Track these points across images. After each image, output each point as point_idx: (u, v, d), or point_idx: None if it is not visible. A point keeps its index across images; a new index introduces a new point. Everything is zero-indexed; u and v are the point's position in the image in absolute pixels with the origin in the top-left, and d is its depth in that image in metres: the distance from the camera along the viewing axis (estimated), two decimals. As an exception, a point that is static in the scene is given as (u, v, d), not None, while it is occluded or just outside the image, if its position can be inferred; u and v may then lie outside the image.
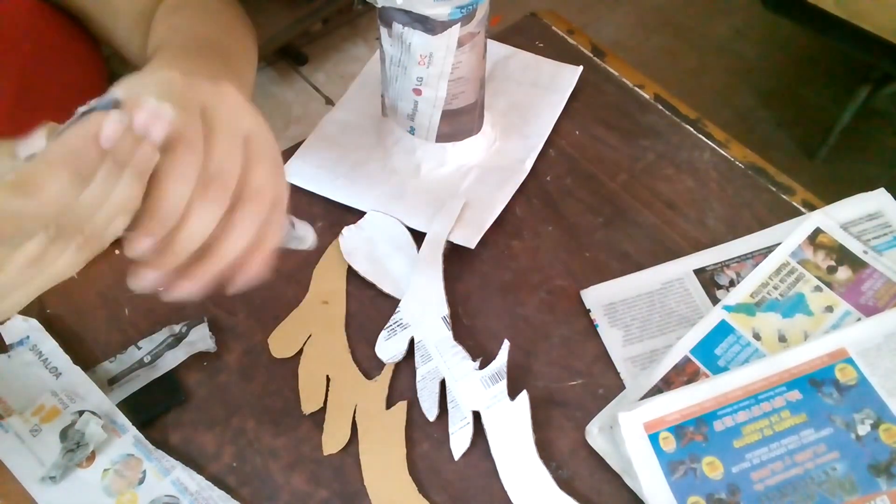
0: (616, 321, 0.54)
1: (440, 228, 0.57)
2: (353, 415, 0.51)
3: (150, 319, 0.55)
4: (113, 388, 0.52)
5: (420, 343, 0.53)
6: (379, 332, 0.54)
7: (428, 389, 0.51)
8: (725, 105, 1.76)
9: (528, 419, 0.49)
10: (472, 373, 0.51)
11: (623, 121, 0.66)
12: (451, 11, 0.50)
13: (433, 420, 0.50)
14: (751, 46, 1.88)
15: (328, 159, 0.63)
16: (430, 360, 0.52)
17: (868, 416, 0.47)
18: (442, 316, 0.53)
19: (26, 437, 0.49)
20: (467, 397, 0.50)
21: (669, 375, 0.51)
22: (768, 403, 0.48)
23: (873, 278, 0.54)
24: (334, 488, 0.48)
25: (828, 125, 1.60)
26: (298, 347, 0.54)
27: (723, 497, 0.45)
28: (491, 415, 0.49)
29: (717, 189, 0.62)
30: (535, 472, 0.47)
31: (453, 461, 0.49)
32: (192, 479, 0.48)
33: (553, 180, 0.62)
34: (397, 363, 0.53)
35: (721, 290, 0.55)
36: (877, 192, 0.57)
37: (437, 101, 0.56)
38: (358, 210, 0.60)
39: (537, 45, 0.72)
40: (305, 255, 0.59)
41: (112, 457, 0.49)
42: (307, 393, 0.52)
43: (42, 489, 0.48)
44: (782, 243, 0.56)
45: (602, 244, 0.59)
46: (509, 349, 0.50)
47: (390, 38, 0.54)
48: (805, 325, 0.52)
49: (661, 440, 0.47)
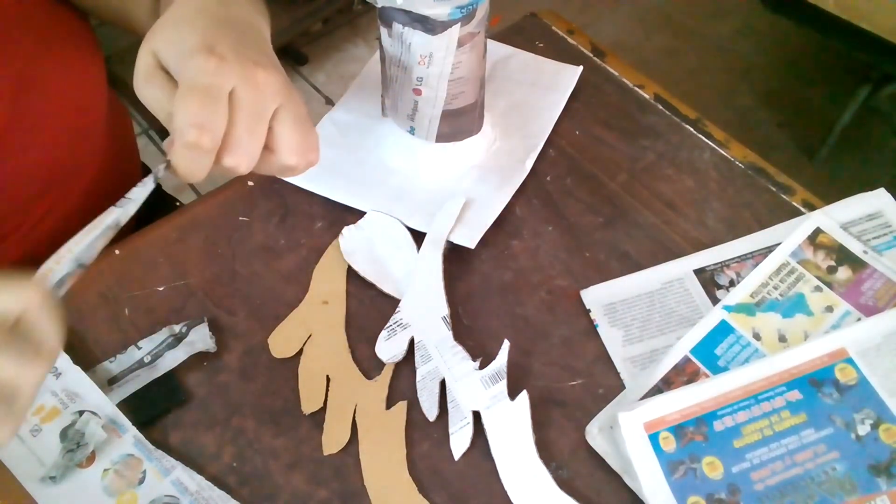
0: (616, 321, 0.54)
1: (440, 228, 0.57)
2: (353, 415, 0.51)
3: (150, 319, 0.55)
4: (113, 388, 0.52)
5: (420, 343, 0.53)
6: (379, 333, 0.54)
7: (428, 389, 0.51)
8: (725, 105, 1.76)
9: (528, 419, 0.49)
10: (472, 373, 0.51)
11: (623, 121, 0.66)
12: (450, 11, 0.50)
13: (433, 420, 0.50)
14: (751, 46, 1.88)
15: (328, 159, 0.63)
16: (430, 360, 0.52)
17: (868, 416, 0.47)
18: (442, 316, 0.53)
19: (26, 437, 0.49)
20: (467, 397, 0.50)
21: (669, 375, 0.51)
22: (768, 403, 0.48)
23: (873, 278, 0.54)
24: (334, 488, 0.48)
25: (828, 125, 1.60)
26: (298, 347, 0.54)
27: (723, 497, 0.45)
28: (491, 415, 0.49)
29: (717, 189, 0.62)
30: (535, 473, 0.47)
31: (453, 461, 0.49)
32: (192, 479, 0.48)
33: (553, 180, 0.62)
34: (397, 363, 0.53)
35: (721, 290, 0.55)
36: (877, 192, 0.57)
37: (437, 102, 0.56)
38: (358, 210, 0.60)
39: (537, 45, 0.72)
40: (305, 256, 0.59)
41: (112, 457, 0.49)
42: (307, 393, 0.52)
43: (42, 489, 0.48)
44: (782, 243, 0.56)
45: (602, 244, 0.59)
46: (509, 349, 0.51)
47: (390, 38, 0.54)
48: (805, 325, 0.52)
49: (661, 440, 0.47)
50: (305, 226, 0.60)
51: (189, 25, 0.39)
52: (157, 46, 0.39)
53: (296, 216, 0.61)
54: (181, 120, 0.36)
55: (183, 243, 0.59)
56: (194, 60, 0.37)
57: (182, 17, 0.40)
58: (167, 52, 0.38)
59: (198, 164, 0.37)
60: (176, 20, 0.40)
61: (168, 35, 0.39)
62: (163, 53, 0.39)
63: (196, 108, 0.36)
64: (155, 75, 0.39)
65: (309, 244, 0.59)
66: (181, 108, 0.36)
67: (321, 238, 0.59)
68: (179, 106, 0.36)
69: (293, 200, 0.62)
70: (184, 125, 0.36)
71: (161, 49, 0.39)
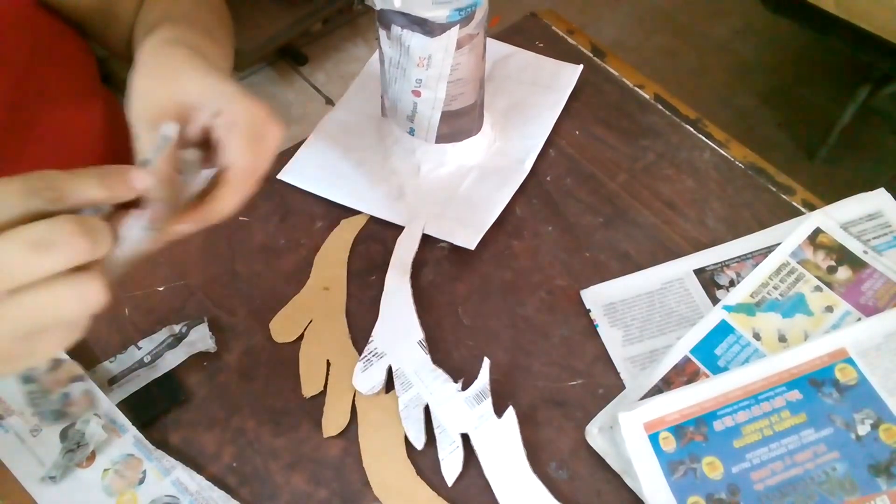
0: (616, 321, 0.54)
1: (404, 252, 0.57)
2: (352, 398, 0.51)
3: (150, 319, 0.55)
4: (113, 388, 0.52)
5: (399, 371, 0.51)
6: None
7: (412, 417, 0.50)
8: (725, 105, 1.76)
9: (517, 435, 0.48)
10: (455, 395, 0.50)
11: (623, 121, 0.66)
12: (449, 14, 0.50)
13: (421, 448, 0.49)
14: (751, 46, 1.88)
15: (328, 159, 0.63)
16: (411, 387, 0.51)
17: (868, 416, 0.47)
18: (418, 340, 0.52)
19: (26, 437, 0.49)
20: (454, 420, 0.49)
21: (669, 375, 0.51)
22: (768, 403, 0.48)
23: (873, 278, 0.54)
24: (334, 488, 0.48)
25: (828, 125, 1.60)
26: (299, 332, 0.54)
27: (723, 497, 0.45)
28: (480, 435, 0.48)
29: (717, 189, 0.62)
30: (531, 488, 0.47)
31: (446, 486, 0.48)
32: (192, 479, 0.48)
33: (553, 180, 0.62)
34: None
35: (721, 290, 0.55)
36: (877, 192, 0.57)
37: (437, 103, 0.56)
38: (358, 210, 0.60)
39: (537, 45, 0.72)
40: (305, 256, 0.59)
41: (112, 457, 0.49)
42: (308, 377, 0.52)
43: (42, 489, 0.48)
44: (782, 243, 0.56)
45: (602, 244, 0.59)
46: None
47: (389, 40, 0.54)
48: (805, 325, 0.52)
49: (661, 440, 0.47)
50: (305, 226, 0.60)
51: (203, 62, 0.41)
52: (189, 94, 0.39)
53: (296, 216, 0.61)
54: (242, 166, 0.39)
55: (183, 243, 0.59)
56: (253, 112, 0.39)
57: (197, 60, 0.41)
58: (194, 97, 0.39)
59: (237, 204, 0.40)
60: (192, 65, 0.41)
61: (205, 84, 0.40)
62: (189, 99, 0.39)
63: (252, 155, 0.39)
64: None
65: (309, 244, 0.59)
66: (244, 154, 0.39)
67: (321, 238, 0.59)
68: (243, 151, 0.39)
69: (293, 200, 0.62)
70: (244, 172, 0.39)
71: (186, 95, 0.39)
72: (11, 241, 0.28)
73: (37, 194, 0.29)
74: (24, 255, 0.28)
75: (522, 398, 0.51)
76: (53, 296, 0.29)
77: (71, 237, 0.29)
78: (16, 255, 0.28)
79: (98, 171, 0.32)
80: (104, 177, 0.32)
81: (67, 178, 0.31)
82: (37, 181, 0.30)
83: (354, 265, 0.58)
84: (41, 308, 0.30)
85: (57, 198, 0.30)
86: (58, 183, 0.30)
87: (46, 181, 0.30)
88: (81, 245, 0.30)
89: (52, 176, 0.30)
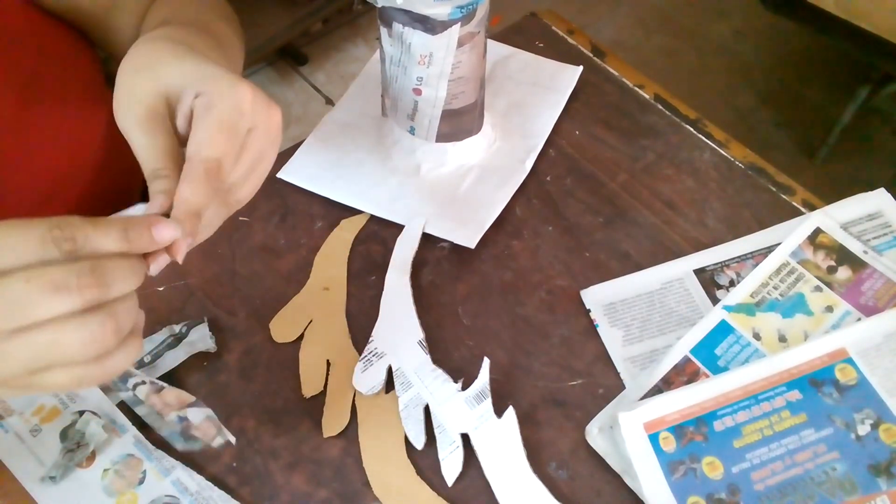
0: (616, 321, 0.54)
1: (403, 252, 0.57)
2: (352, 399, 0.51)
3: (150, 319, 0.55)
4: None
5: (399, 371, 0.51)
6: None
7: (413, 417, 0.50)
8: (725, 105, 1.76)
9: (517, 435, 0.48)
10: (455, 395, 0.50)
11: (623, 121, 0.66)
12: (450, 11, 0.50)
13: (421, 448, 0.49)
14: (751, 46, 1.88)
15: (328, 159, 0.63)
16: (411, 387, 0.51)
17: (868, 416, 0.47)
18: (418, 340, 0.52)
19: (26, 437, 0.49)
20: (454, 420, 0.49)
21: (669, 375, 0.51)
22: (768, 403, 0.48)
23: (873, 278, 0.54)
24: (334, 488, 0.48)
25: (828, 125, 1.60)
26: (299, 332, 0.54)
27: (723, 497, 0.45)
28: (480, 435, 0.48)
29: (717, 189, 0.62)
30: (531, 489, 0.47)
31: (446, 486, 0.48)
32: (192, 479, 0.48)
33: (553, 180, 0.62)
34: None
35: (721, 290, 0.55)
36: (877, 192, 0.57)
37: (437, 101, 0.56)
38: (358, 209, 0.60)
39: (537, 45, 0.72)
40: (305, 256, 0.59)
41: (112, 457, 0.49)
42: (307, 377, 0.52)
43: (42, 489, 0.48)
44: (782, 243, 0.56)
45: (602, 244, 0.59)
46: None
47: (390, 38, 0.54)
48: (805, 325, 0.52)
49: (661, 440, 0.47)
50: (305, 226, 0.60)
51: (195, 54, 0.40)
52: (170, 82, 0.38)
53: (296, 216, 0.61)
54: (205, 156, 0.36)
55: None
56: (235, 94, 0.37)
57: (185, 50, 0.40)
58: (181, 84, 0.38)
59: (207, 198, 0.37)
60: (180, 54, 0.40)
61: (185, 68, 0.38)
62: (174, 87, 0.38)
63: (225, 142, 0.37)
64: (159, 121, 0.38)
65: (309, 244, 0.59)
66: (211, 140, 0.36)
67: (321, 238, 0.59)
68: (212, 137, 0.36)
69: (293, 200, 0.62)
70: (209, 157, 0.36)
71: (172, 84, 0.38)
72: (28, 282, 0.29)
73: (55, 244, 0.30)
74: (40, 296, 0.29)
75: (522, 398, 0.51)
76: (57, 336, 0.30)
77: (87, 290, 0.30)
78: (34, 295, 0.29)
79: (123, 223, 0.32)
80: (128, 229, 0.32)
81: (90, 228, 0.31)
82: (58, 230, 0.30)
83: (354, 265, 0.58)
84: (46, 347, 0.30)
85: (74, 251, 0.30)
86: (79, 233, 0.30)
87: (68, 231, 0.30)
88: (94, 294, 0.30)
89: (75, 225, 0.30)
